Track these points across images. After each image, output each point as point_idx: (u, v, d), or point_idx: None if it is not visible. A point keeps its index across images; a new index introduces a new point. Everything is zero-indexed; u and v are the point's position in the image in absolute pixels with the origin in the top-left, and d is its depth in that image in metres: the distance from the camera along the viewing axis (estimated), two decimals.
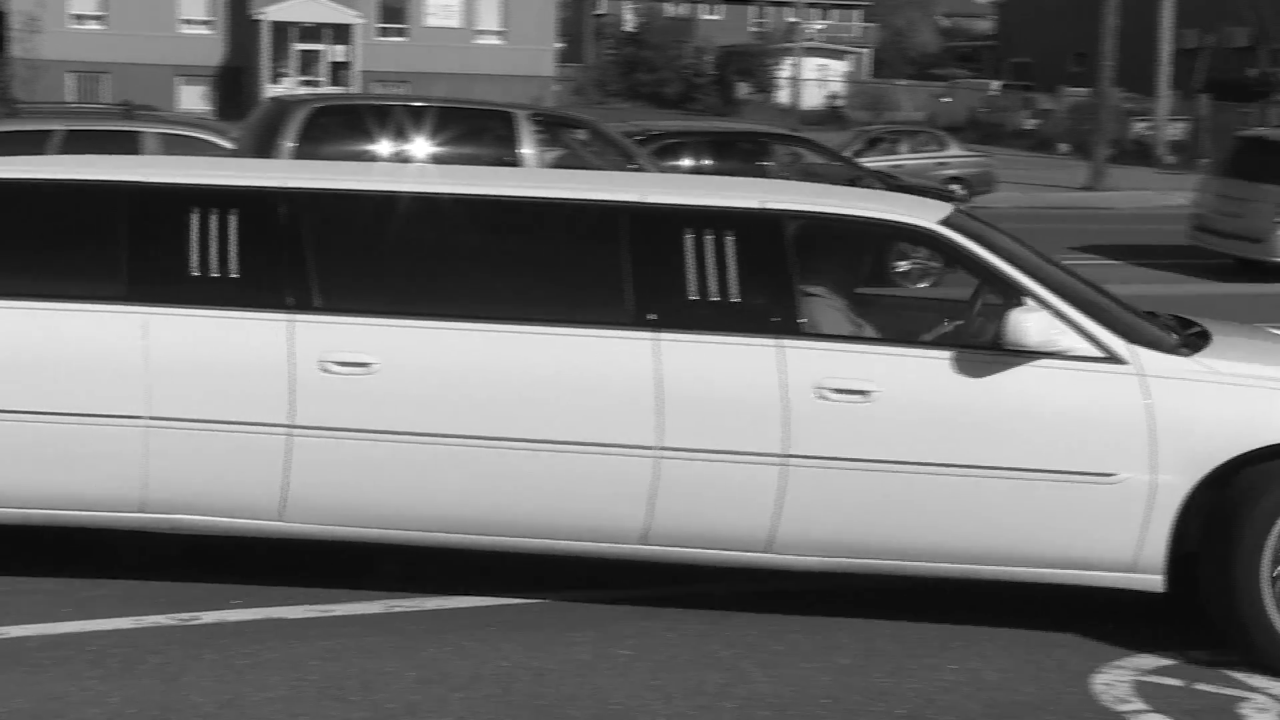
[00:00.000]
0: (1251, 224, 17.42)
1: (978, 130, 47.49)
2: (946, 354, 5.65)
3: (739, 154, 18.11)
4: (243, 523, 5.77)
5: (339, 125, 13.22)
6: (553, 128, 14.09)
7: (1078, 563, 5.61)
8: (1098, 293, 6.11)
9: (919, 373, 5.63)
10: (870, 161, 23.74)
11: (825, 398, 5.55)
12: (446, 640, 5.40)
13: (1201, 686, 5.20)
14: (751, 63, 62.32)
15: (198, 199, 5.84)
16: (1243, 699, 5.11)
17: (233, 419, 5.63)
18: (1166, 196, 28.38)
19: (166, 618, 5.52)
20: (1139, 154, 38.98)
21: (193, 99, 49.82)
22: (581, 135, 14.25)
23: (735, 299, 5.69)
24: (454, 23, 53.16)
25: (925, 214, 6.16)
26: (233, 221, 5.78)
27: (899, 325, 6.39)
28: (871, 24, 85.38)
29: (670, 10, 75.03)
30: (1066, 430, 5.55)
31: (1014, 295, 5.69)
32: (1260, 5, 39.17)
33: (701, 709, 4.89)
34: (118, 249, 5.81)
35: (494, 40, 53.53)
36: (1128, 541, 5.54)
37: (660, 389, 5.57)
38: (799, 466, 5.56)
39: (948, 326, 6.46)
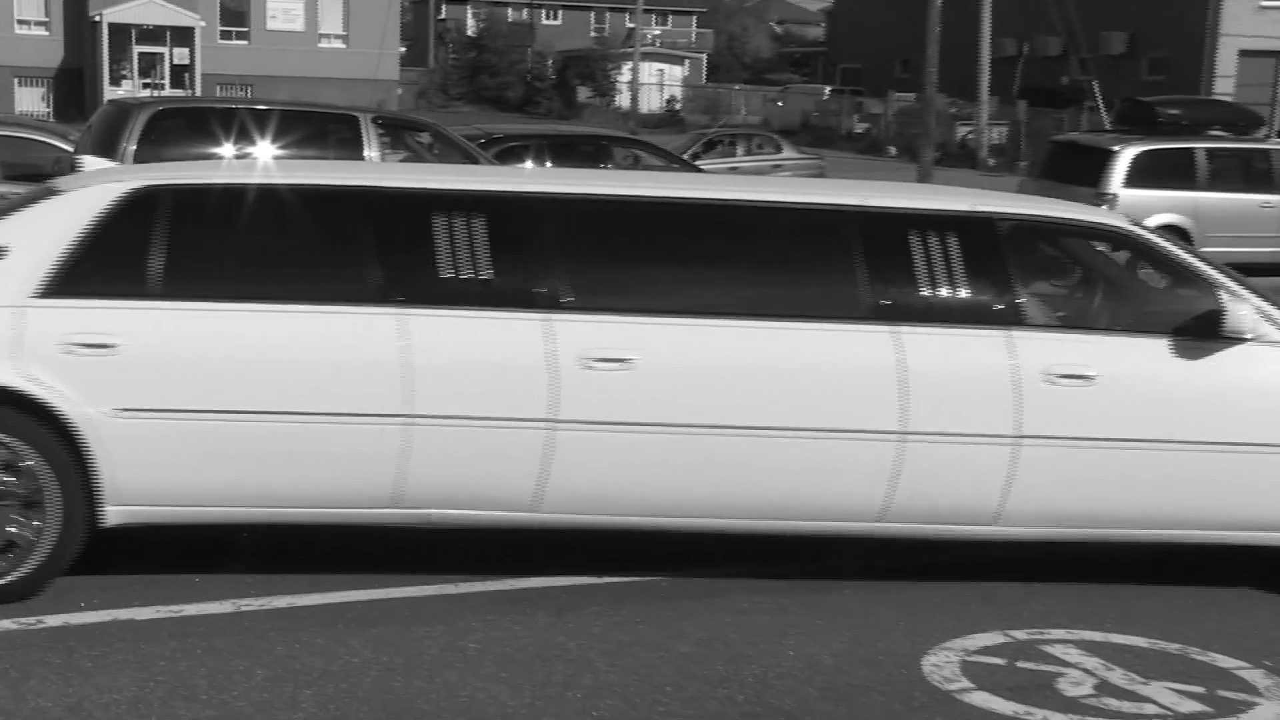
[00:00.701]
0: None
1: (810, 133, 48.17)
2: (1161, 340, 6.10)
3: (579, 156, 18.10)
4: (496, 515, 5.91)
5: (181, 128, 12.98)
6: (396, 130, 14.00)
7: (1255, 525, 6.19)
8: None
9: (1135, 357, 6.09)
10: (707, 163, 23.95)
11: (1053, 382, 5.95)
12: (296, 638, 5.33)
13: (1022, 664, 5.34)
14: (591, 67, 62.32)
15: (455, 204, 5.94)
16: (1060, 674, 5.25)
17: (495, 415, 5.73)
18: None
19: (10, 622, 5.35)
20: (963, 156, 39.88)
21: (31, 101, 48.40)
22: (425, 138, 14.16)
23: (965, 293, 6.06)
24: (296, 27, 52.34)
25: (1114, 217, 6.83)
26: (490, 225, 5.89)
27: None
28: (707, 30, 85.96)
29: (511, 16, 74.76)
30: (1264, 406, 6.10)
31: (1207, 289, 6.21)
32: (1070, 17, 40.26)
33: (549, 699, 4.89)
34: (377, 252, 5.87)
35: (337, 44, 52.86)
36: None
37: (904, 378, 5.86)
38: (1029, 446, 5.94)
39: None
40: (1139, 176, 17.35)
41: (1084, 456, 5.97)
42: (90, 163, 7.47)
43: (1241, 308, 6.05)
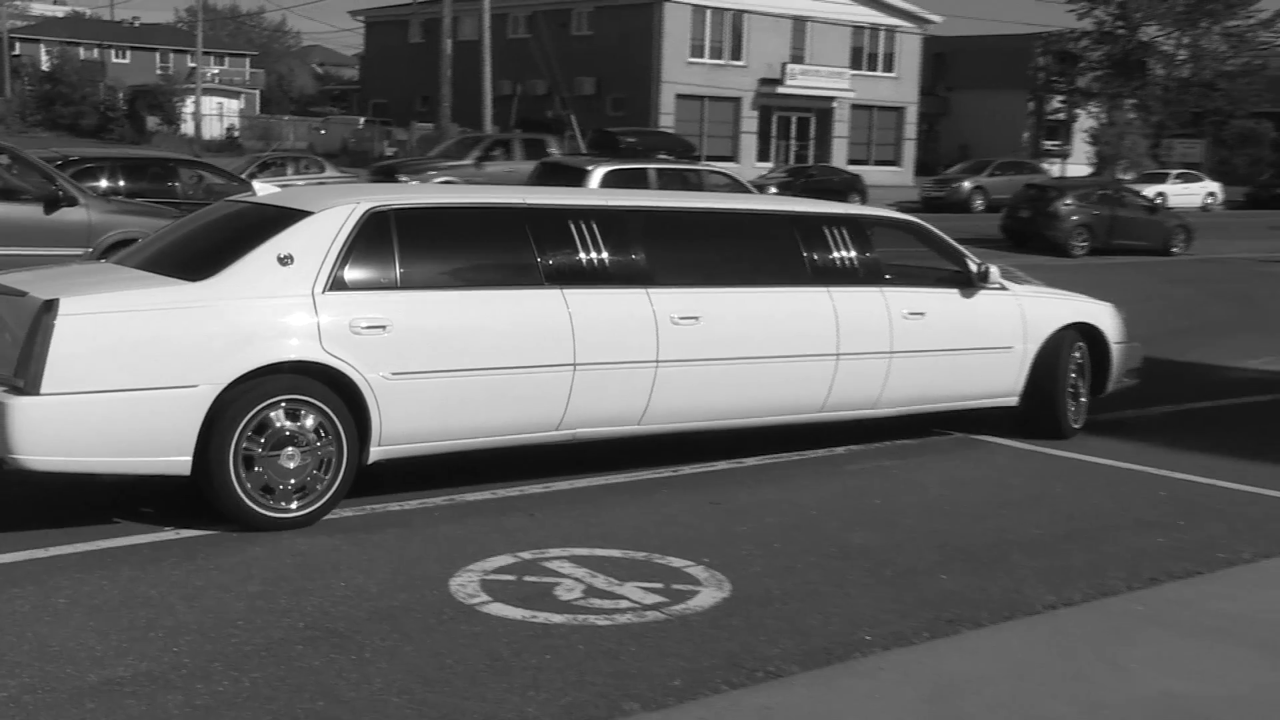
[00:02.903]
0: None
1: (349, 156, 47.15)
2: (955, 289, 8.10)
3: (150, 176, 17.01)
4: (617, 429, 6.91)
5: None
6: None
7: (994, 395, 8.34)
8: None
9: (944, 299, 8.04)
10: (263, 182, 23.01)
11: (906, 318, 7.78)
12: None
13: (528, 578, 5.41)
14: (159, 99, 58.27)
15: (582, 215, 6.87)
16: (557, 583, 5.36)
17: (625, 360, 6.72)
18: None
19: None
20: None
21: None
22: (4, 160, 12.89)
23: (857, 264, 7.70)
24: None
25: (904, 214, 8.76)
26: (605, 228, 6.88)
27: None
28: (259, 69, 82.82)
29: (83, 54, 69.07)
30: (995, 325, 8.21)
31: (962, 260, 8.18)
32: (552, 65, 41.36)
33: (134, 641, 4.58)
34: (542, 249, 6.66)
35: None
36: (1013, 381, 8.37)
37: (837, 318, 7.48)
38: (897, 358, 7.72)
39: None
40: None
41: (925, 361, 7.83)
42: (262, 187, 7.42)
43: (994, 267, 8.19)
